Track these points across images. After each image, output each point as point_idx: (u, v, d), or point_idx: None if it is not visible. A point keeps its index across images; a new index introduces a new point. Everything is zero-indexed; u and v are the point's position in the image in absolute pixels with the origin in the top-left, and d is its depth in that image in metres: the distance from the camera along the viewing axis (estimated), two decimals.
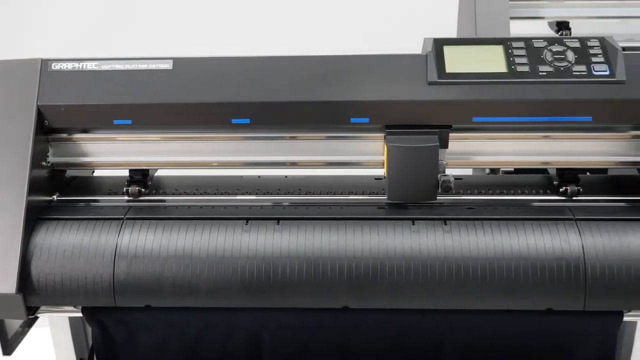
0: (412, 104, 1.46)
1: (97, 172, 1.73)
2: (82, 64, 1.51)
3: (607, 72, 1.45)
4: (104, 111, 1.49)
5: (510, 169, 2.02)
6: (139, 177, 1.60)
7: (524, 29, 2.29)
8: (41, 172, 1.52)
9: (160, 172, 1.69)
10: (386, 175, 1.48)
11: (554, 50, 1.48)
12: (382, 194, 1.55)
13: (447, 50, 1.50)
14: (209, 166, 1.58)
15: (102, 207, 1.54)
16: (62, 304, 1.47)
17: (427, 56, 1.48)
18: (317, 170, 1.63)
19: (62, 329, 1.68)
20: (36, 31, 3.28)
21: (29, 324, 1.58)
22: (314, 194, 1.59)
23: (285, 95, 1.47)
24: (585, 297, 1.38)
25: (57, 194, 1.57)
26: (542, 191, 1.57)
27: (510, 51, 1.49)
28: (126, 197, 1.58)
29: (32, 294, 1.42)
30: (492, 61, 1.48)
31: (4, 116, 1.48)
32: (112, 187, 1.63)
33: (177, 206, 1.54)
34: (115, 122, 1.50)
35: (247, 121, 1.49)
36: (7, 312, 1.42)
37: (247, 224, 1.46)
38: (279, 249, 1.42)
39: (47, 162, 1.55)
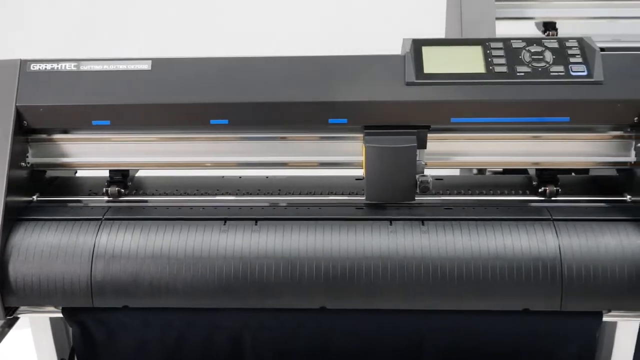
0: (390, 105, 1.46)
1: (80, 173, 1.73)
2: (60, 65, 1.51)
3: (584, 73, 1.45)
4: (83, 112, 1.49)
5: (499, 170, 2.02)
6: (119, 177, 1.60)
7: (512, 29, 2.30)
8: (20, 173, 1.52)
9: (142, 173, 1.69)
10: (365, 175, 1.49)
11: (532, 50, 1.48)
12: (362, 194, 1.55)
13: (426, 50, 1.50)
14: (189, 167, 1.58)
15: (81, 208, 1.54)
16: (40, 304, 1.47)
17: (405, 57, 1.49)
18: (299, 170, 1.63)
19: (43, 329, 1.68)
20: (15, 32, 3.30)
21: (9, 325, 1.57)
22: (293, 194, 1.59)
23: (263, 96, 1.47)
24: (561, 298, 1.38)
25: (37, 194, 1.57)
26: (521, 192, 1.57)
27: (488, 52, 1.49)
28: (106, 198, 1.58)
29: (10, 295, 1.43)
30: (470, 62, 1.48)
31: None
32: (92, 187, 1.63)
33: (156, 207, 1.54)
34: (94, 122, 1.50)
35: (226, 122, 1.49)
36: None
37: (225, 224, 1.46)
38: (257, 249, 1.42)
39: (27, 163, 1.55)
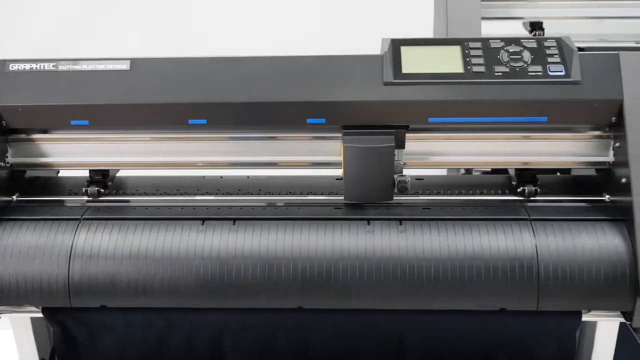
0: (368, 105, 1.46)
1: (62, 173, 1.73)
2: (39, 65, 1.51)
3: (562, 73, 1.45)
4: (61, 112, 1.49)
5: (487, 169, 2.02)
6: (99, 177, 1.60)
7: (499, 30, 2.29)
8: None
9: (123, 173, 1.69)
10: (343, 175, 1.49)
11: (511, 50, 1.48)
12: (341, 194, 1.55)
13: (405, 50, 1.50)
14: (168, 167, 1.58)
15: (60, 208, 1.54)
16: (19, 304, 1.47)
17: (384, 56, 1.49)
18: (280, 170, 1.63)
19: (24, 329, 1.68)
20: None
21: None
22: (273, 194, 1.59)
23: (241, 95, 1.47)
24: (538, 298, 1.38)
25: (16, 194, 1.58)
26: (500, 191, 1.57)
27: (467, 52, 1.49)
28: (85, 198, 1.58)
29: None
30: (448, 62, 1.48)
31: None
32: (73, 187, 1.63)
33: (135, 207, 1.54)
34: (72, 122, 1.50)
35: (204, 121, 1.49)
36: None
37: (203, 224, 1.46)
38: (234, 249, 1.42)
39: (6, 163, 1.55)
